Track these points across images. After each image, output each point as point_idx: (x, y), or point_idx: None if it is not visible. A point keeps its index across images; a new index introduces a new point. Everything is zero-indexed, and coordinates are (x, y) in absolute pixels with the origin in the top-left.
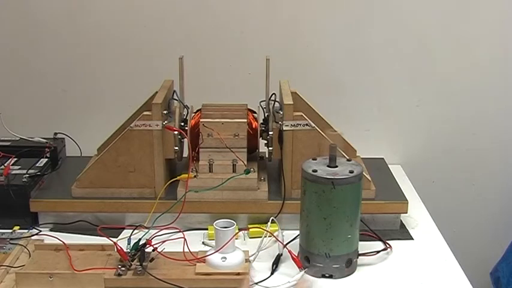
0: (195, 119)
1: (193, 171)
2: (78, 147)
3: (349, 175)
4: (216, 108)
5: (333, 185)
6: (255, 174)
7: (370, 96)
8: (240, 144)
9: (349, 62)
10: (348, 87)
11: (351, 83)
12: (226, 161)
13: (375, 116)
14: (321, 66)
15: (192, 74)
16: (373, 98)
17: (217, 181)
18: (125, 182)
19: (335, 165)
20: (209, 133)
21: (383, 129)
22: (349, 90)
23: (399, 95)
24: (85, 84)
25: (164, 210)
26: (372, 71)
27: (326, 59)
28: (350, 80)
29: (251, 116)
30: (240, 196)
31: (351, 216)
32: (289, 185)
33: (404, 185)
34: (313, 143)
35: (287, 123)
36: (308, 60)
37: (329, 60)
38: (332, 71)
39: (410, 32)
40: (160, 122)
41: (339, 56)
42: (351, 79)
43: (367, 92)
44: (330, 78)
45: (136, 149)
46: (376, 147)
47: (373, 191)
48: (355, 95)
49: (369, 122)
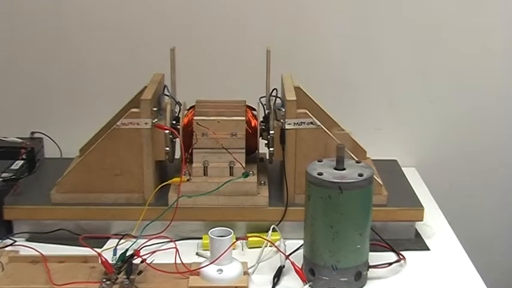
0: (188, 117)
1: (186, 175)
2: (58, 148)
3: (358, 179)
4: (212, 104)
5: (340, 190)
6: (254, 178)
7: (381, 91)
8: (237, 145)
9: (358, 55)
10: (357, 82)
11: (360, 77)
12: (223, 163)
13: (387, 113)
14: (327, 59)
15: (184, 67)
16: (385, 94)
17: (213, 185)
18: (111, 187)
19: (343, 168)
20: (204, 132)
21: (395, 128)
22: (358, 85)
23: (412, 91)
24: (66, 78)
25: (154, 218)
26: (383, 65)
27: (333, 51)
28: (359, 74)
29: (250, 113)
30: (238, 202)
31: (361, 224)
32: (292, 189)
33: (420, 189)
34: (318, 143)
35: (290, 122)
36: (313, 52)
37: (336, 53)
38: (339, 65)
39: (423, 23)
40: (150, 120)
41: (347, 48)
42: (360, 73)
43: (377, 87)
44: (337, 72)
45: (123, 149)
46: (388, 147)
47: (385, 196)
48: (364, 91)
49: (380, 120)
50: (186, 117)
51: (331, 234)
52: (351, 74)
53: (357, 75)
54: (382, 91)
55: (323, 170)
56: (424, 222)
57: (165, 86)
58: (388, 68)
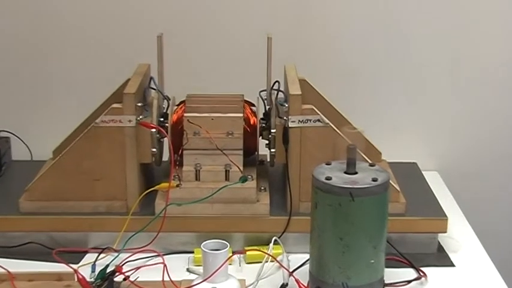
0: (178, 114)
1: (176, 179)
2: (28, 149)
3: (372, 184)
4: (205, 99)
5: (351, 197)
6: (253, 183)
7: (400, 84)
8: (234, 145)
9: (372, 43)
10: (371, 74)
11: (375, 68)
12: (217, 166)
13: (406, 109)
14: (337, 47)
15: (173, 56)
16: (403, 87)
17: (206, 191)
18: (89, 193)
19: (354, 172)
20: (195, 131)
21: (415, 126)
22: (372, 77)
23: (435, 84)
24: (37, 69)
25: (139, 229)
26: (401, 54)
27: (344, 38)
28: (374, 64)
29: (249, 109)
30: (235, 210)
31: (375, 236)
32: (296, 196)
33: (443, 196)
34: (326, 143)
35: (294, 119)
36: (321, 40)
37: (348, 40)
38: (352, 53)
39: (448, 6)
40: (134, 117)
41: (359, 36)
42: (375, 63)
43: (395, 79)
44: (349, 63)
45: (103, 151)
46: (406, 148)
47: (403, 205)
48: (380, 84)
49: (397, 118)
50: (175, 113)
51: (341, 248)
52: (365, 64)
53: (371, 66)
54: (400, 84)
55: (332, 174)
56: (448, 234)
57: (151, 78)
58: (407, 58)
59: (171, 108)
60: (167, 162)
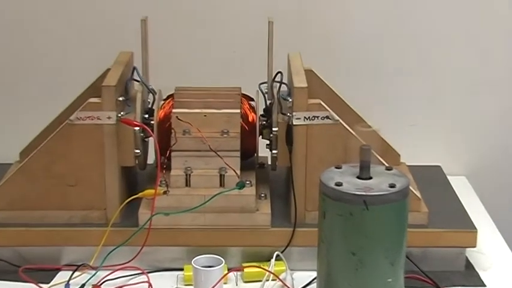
0: (165, 109)
1: (163, 185)
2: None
3: (389, 190)
4: (196, 93)
5: (365, 205)
6: (252, 189)
7: (421, 76)
8: (230, 146)
9: (391, 29)
10: (388, 65)
11: (393, 58)
12: (211, 170)
13: (428, 104)
14: (348, 32)
15: (160, 43)
16: (426, 80)
17: (198, 199)
18: (62, 202)
19: (368, 176)
20: (185, 129)
21: (439, 124)
22: (389, 68)
23: (463, 76)
24: (0, 58)
25: (120, 243)
26: (424, 41)
27: (357, 23)
28: (391, 54)
29: (247, 104)
30: (231, 221)
31: (392, 251)
32: (301, 205)
33: (472, 205)
34: (336, 143)
35: (299, 116)
36: (330, 24)
37: (361, 26)
38: (365, 41)
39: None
40: (114, 113)
41: (375, 21)
42: (393, 53)
43: (416, 70)
44: (362, 51)
45: (78, 152)
46: (429, 150)
47: (425, 214)
48: (398, 75)
49: (418, 114)
50: (162, 109)
51: (354, 264)
52: (380, 52)
53: (388, 55)
54: (422, 75)
55: (342, 179)
56: (477, 248)
57: (134, 68)
58: (431, 45)
59: (157, 103)
60: (153, 165)
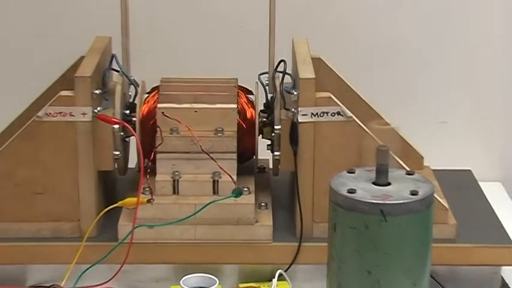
0: (149, 104)
1: (146, 193)
2: None
3: (410, 198)
4: (185, 85)
5: (382, 216)
6: (250, 198)
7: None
8: (225, 147)
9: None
10: (410, 49)
11: (415, 42)
12: (202, 175)
13: (458, 99)
14: (363, 15)
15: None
16: (455, 70)
17: (187, 209)
18: (28, 212)
19: (386, 182)
20: (173, 128)
21: (470, 121)
22: (411, 57)
23: (499, 66)
24: None
25: (96, 260)
26: (455, 25)
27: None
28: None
29: (244, 98)
30: (226, 234)
31: (415, 270)
32: (308, 215)
33: (507, 216)
34: (349, 144)
35: (305, 111)
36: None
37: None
38: (381, 23)
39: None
40: (90, 108)
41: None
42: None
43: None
44: (378, 35)
45: (47, 154)
46: (457, 151)
47: (453, 227)
48: (423, 65)
49: (446, 110)
50: (145, 104)
51: (370, 285)
52: (401, 37)
53: (411, 39)
54: (450, 65)
55: (356, 186)
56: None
57: (112, 56)
58: (463, 29)
59: (139, 97)
60: (135, 169)
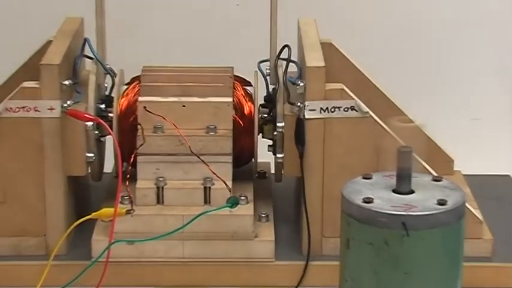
0: (129, 97)
1: (126, 202)
2: None
3: (437, 209)
4: (172, 75)
5: (404, 230)
6: (248, 208)
7: (482, 50)
8: (219, 148)
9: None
10: (437, 34)
11: (444, 25)
12: (192, 182)
13: (492, 91)
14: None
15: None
16: (490, 57)
17: (174, 222)
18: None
19: (409, 190)
20: (157, 125)
21: (507, 118)
22: (438, 39)
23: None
24: None
25: (66, 281)
26: (489, 6)
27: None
28: (442, 18)
29: (241, 90)
30: (220, 251)
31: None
32: (317, 229)
33: None
34: (365, 144)
35: (313, 106)
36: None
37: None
38: (407, 3)
39: None
40: (59, 102)
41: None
42: (445, 17)
43: (475, 42)
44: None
45: (7, 157)
46: (494, 153)
47: (489, 243)
48: (450, 50)
49: (478, 104)
50: (124, 97)
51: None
52: (428, 18)
53: (438, 21)
54: (485, 51)
55: (374, 194)
56: None
57: (85, 40)
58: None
59: (117, 89)
60: (111, 174)
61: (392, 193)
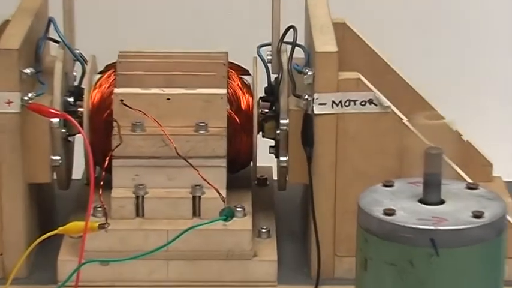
0: (103, 89)
1: (99, 215)
2: None
3: (472, 223)
4: (154, 62)
5: (433, 248)
6: (246, 221)
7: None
8: (210, 150)
9: None
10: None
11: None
12: (178, 190)
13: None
14: None
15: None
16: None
17: (156, 238)
18: None
19: (439, 200)
20: (136, 122)
21: None
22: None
23: None
24: None
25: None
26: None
27: None
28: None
29: (238, 81)
30: (211, 274)
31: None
32: (328, 246)
33: None
34: (385, 145)
35: (324, 99)
36: None
37: None
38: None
39: None
40: (18, 94)
41: None
42: None
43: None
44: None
45: None
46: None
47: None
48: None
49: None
50: (96, 88)
51: None
52: None
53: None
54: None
55: (396, 205)
56: None
57: (50, 20)
58: None
59: (88, 79)
60: (81, 181)
61: (419, 203)
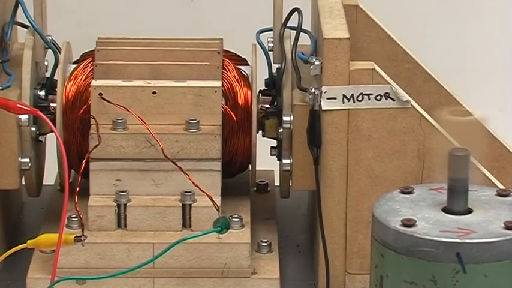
0: (78, 81)
1: (74, 226)
2: None
3: (504, 235)
4: (137, 49)
5: (460, 264)
6: (244, 234)
7: None
8: (203, 151)
9: None
10: None
11: None
12: (165, 198)
13: None
14: None
15: None
16: None
17: (140, 253)
18: None
19: (466, 210)
20: (117, 119)
21: None
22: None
23: None
24: None
25: None
26: None
27: None
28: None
29: (234, 71)
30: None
31: None
32: (338, 262)
33: None
34: (404, 145)
35: (333, 93)
36: None
37: None
38: None
39: None
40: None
41: None
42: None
43: None
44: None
45: None
46: None
47: None
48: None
49: None
50: (72, 80)
51: None
52: None
53: None
54: None
55: (416, 214)
56: None
57: (17, 2)
58: None
59: (62, 69)
60: (54, 187)
61: (442, 213)
